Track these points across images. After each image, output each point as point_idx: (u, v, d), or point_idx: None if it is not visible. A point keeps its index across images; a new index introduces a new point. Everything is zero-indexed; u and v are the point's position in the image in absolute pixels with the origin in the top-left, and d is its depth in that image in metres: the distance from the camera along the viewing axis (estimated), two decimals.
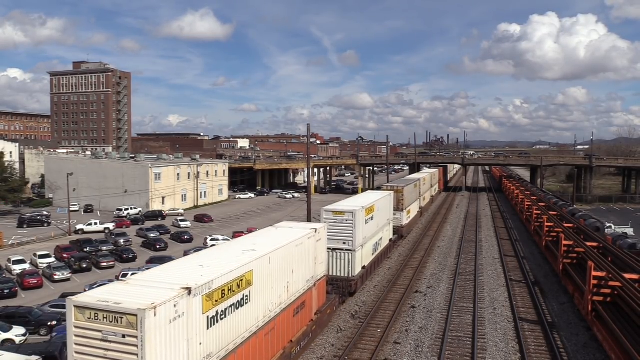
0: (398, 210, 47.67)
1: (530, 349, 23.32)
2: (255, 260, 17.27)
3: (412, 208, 55.47)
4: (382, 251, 38.02)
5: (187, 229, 60.50)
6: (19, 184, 78.04)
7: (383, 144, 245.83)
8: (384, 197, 38.94)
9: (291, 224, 26.01)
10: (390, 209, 42.40)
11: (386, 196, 40.16)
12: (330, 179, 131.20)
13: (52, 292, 36.37)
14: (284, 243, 20.10)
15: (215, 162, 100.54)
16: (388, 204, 40.86)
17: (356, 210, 29.57)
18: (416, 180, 61.05)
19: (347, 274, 29.79)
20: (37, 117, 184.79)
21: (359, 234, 30.11)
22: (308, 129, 46.39)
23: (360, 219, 30.27)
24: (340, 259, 29.78)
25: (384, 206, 38.54)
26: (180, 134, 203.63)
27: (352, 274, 29.82)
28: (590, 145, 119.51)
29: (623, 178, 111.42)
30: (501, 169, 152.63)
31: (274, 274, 18.80)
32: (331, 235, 28.38)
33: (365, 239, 32.04)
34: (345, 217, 29.55)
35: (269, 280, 18.36)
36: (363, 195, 41.18)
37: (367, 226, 32.28)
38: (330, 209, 30.40)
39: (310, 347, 23.22)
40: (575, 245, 32.65)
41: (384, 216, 38.71)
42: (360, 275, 30.98)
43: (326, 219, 29.46)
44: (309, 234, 22.77)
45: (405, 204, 49.83)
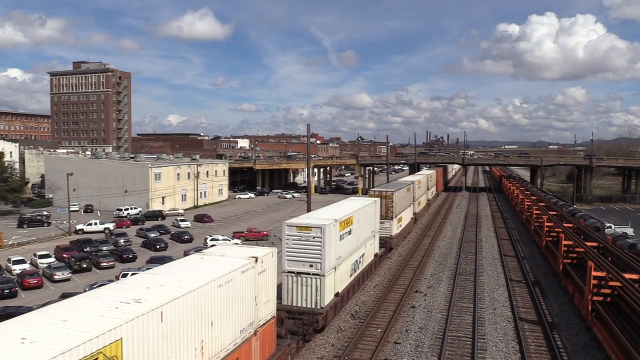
0: (387, 218, 42.21)
1: (530, 349, 23.32)
2: (127, 322, 11.38)
3: (404, 215, 49.55)
4: (364, 270, 32.55)
5: (187, 229, 60.49)
6: (19, 184, 78.03)
7: (383, 144, 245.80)
8: (366, 206, 33.45)
9: (227, 249, 20.26)
10: (376, 218, 36.83)
11: (369, 204, 34.63)
12: (330, 179, 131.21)
13: (52, 292, 36.35)
14: (196, 285, 14.33)
15: (215, 162, 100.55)
16: (372, 212, 35.39)
17: (326, 225, 23.96)
18: (409, 183, 54.54)
19: (314, 305, 24.16)
20: (37, 117, 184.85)
21: (330, 253, 24.50)
22: (308, 129, 46.43)
23: (332, 235, 24.89)
24: (306, 286, 24.24)
25: (367, 216, 33.15)
26: (180, 134, 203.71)
27: (320, 304, 24.21)
28: (590, 146, 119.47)
29: (623, 178, 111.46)
30: (501, 169, 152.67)
31: (171, 336, 13.01)
32: (294, 256, 24.14)
33: (340, 259, 26.73)
34: (312, 233, 23.94)
35: (160, 347, 12.56)
36: (341, 204, 34.00)
37: (342, 243, 26.96)
38: (294, 223, 24.86)
39: (310, 347, 23.22)
40: (575, 245, 32.66)
41: (367, 228, 33.14)
42: (331, 306, 25.16)
43: (289, 236, 24.35)
44: (245, 265, 17.15)
45: (396, 211, 43.98)
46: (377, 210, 37.05)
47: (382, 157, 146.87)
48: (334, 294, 25.84)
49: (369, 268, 34.32)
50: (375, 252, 36.17)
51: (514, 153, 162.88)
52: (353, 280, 29.75)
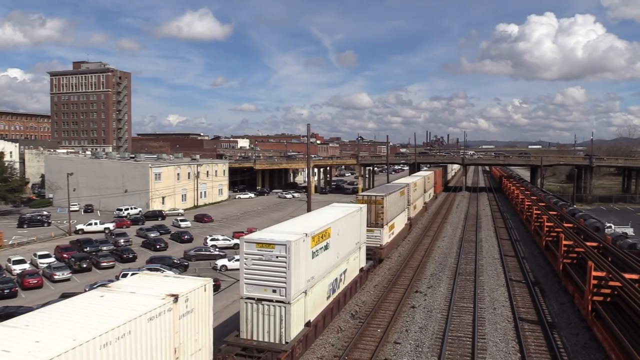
0: (376, 226, 38.31)
1: (530, 349, 23.33)
2: None
3: (398, 221, 45.50)
4: (346, 288, 28.53)
5: (187, 229, 60.51)
6: (19, 184, 78.10)
7: (383, 144, 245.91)
8: (349, 214, 29.23)
9: (143, 282, 16.31)
10: (362, 228, 32.48)
11: (353, 212, 30.26)
12: (330, 179, 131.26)
13: (52, 292, 36.36)
14: (59, 351, 10.17)
15: (215, 162, 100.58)
16: (357, 221, 31.18)
17: (291, 242, 19.94)
18: (403, 186, 49.86)
19: (278, 339, 20.20)
20: (37, 117, 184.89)
21: (298, 275, 20.68)
22: (308, 129, 46.44)
23: (302, 253, 20.99)
24: (268, 316, 20.28)
25: (349, 226, 29.24)
26: (180, 134, 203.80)
27: (285, 338, 20.15)
28: (590, 145, 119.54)
29: (623, 178, 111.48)
30: (501, 169, 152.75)
31: None
32: (255, 279, 20.35)
33: (313, 280, 22.61)
34: (276, 251, 20.01)
35: None
36: (320, 212, 30.21)
37: (316, 260, 22.90)
38: (253, 239, 20.76)
39: (310, 347, 23.21)
40: (575, 245, 32.68)
41: (349, 239, 29.22)
42: (300, 339, 20.95)
43: (248, 255, 20.39)
44: (156, 309, 13.44)
45: (387, 217, 39.71)
46: (362, 218, 32.56)
47: (382, 157, 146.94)
48: (304, 323, 21.73)
49: (353, 285, 30.13)
50: (360, 267, 32.04)
51: (514, 153, 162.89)
52: (332, 302, 25.58)
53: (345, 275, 28.37)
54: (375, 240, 38.00)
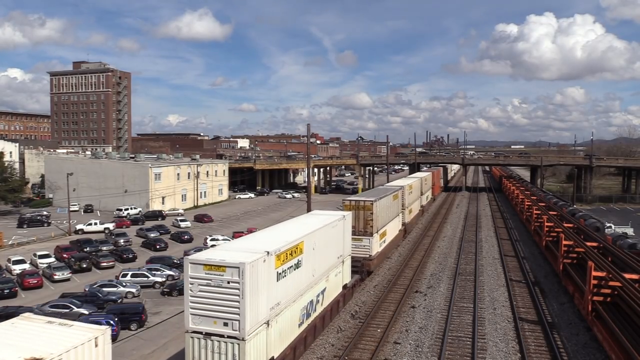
0: (365, 234, 34.49)
1: (530, 349, 23.32)
2: None
3: (390, 228, 41.68)
4: (324, 311, 24.61)
5: (187, 229, 60.50)
6: (19, 184, 78.04)
7: (383, 144, 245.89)
8: (329, 224, 25.55)
9: (10, 336, 12.56)
10: (346, 238, 28.66)
11: (335, 221, 26.52)
12: (330, 179, 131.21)
13: (52, 292, 36.35)
14: None
15: (215, 162, 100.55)
16: (340, 231, 27.42)
17: (245, 264, 16.35)
18: (396, 189, 45.93)
19: None
20: (37, 117, 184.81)
21: (257, 303, 17.16)
22: (308, 129, 46.41)
23: (262, 276, 17.45)
24: (218, 354, 16.83)
25: (330, 237, 25.53)
26: (180, 134, 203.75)
27: None
28: (590, 145, 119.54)
29: (623, 178, 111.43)
30: (501, 169, 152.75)
31: None
32: (202, 309, 16.82)
33: (278, 307, 19.00)
34: (227, 275, 16.49)
35: None
36: (293, 222, 26.51)
37: (283, 283, 19.32)
38: (200, 259, 17.15)
39: (310, 347, 23.20)
40: (575, 245, 32.67)
41: (330, 253, 25.50)
42: None
43: (194, 279, 16.93)
44: None
45: (377, 224, 36.01)
46: (347, 227, 28.98)
47: (382, 157, 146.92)
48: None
49: (335, 305, 26.43)
50: (344, 283, 28.34)
51: (514, 153, 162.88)
52: (306, 329, 22.06)
53: (323, 296, 24.51)
54: (363, 250, 34.33)
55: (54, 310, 30.03)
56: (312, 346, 23.35)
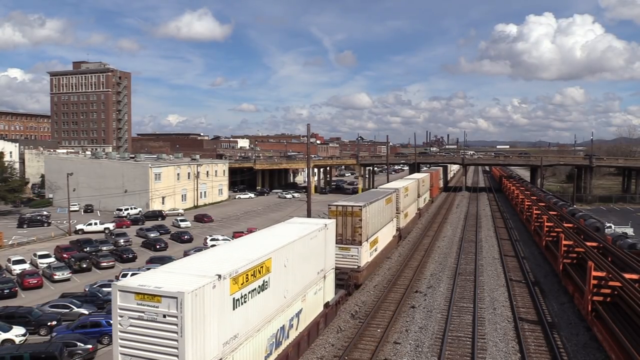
0: (353, 243, 31.41)
1: (530, 349, 23.32)
2: None
3: (382, 234, 38.48)
4: (300, 336, 21.35)
5: (187, 229, 60.53)
6: (19, 184, 78.08)
7: (383, 144, 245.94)
8: (307, 235, 22.23)
9: None
10: (328, 249, 25.26)
11: (314, 232, 23.16)
12: (330, 179, 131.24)
13: (52, 292, 36.37)
14: None
15: (215, 162, 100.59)
16: (321, 242, 24.10)
17: (186, 293, 13.02)
18: (390, 192, 42.95)
19: None
20: (37, 117, 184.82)
21: (203, 339, 13.87)
22: (308, 129, 46.41)
23: (209, 306, 14.00)
24: None
25: (308, 250, 22.26)
26: (180, 134, 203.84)
27: None
28: (590, 145, 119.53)
29: (623, 178, 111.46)
30: (501, 169, 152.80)
31: None
32: (133, 348, 13.62)
33: (236, 341, 15.74)
34: (163, 307, 13.24)
35: None
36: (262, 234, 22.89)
37: (241, 311, 15.93)
38: (130, 287, 13.75)
39: (311, 347, 23.20)
40: (575, 245, 32.67)
41: (307, 269, 22.23)
42: None
43: (124, 311, 13.61)
44: None
45: (367, 231, 33.03)
46: (329, 236, 25.60)
47: (382, 157, 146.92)
48: None
49: (314, 327, 23.10)
50: (326, 301, 25.01)
51: (514, 153, 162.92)
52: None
53: (299, 319, 21.27)
54: (351, 261, 31.42)
55: (54, 310, 30.06)
56: (312, 346, 23.35)
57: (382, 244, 38.36)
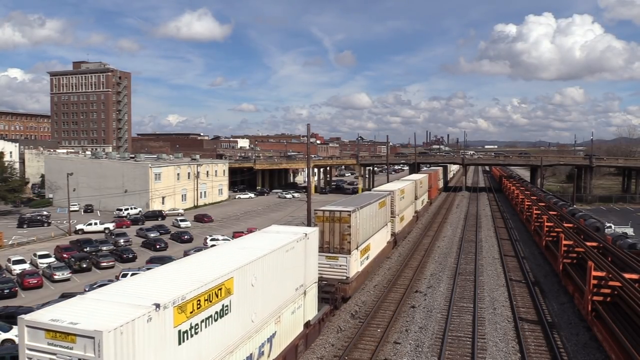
0: (341, 252, 28.97)
1: (530, 348, 23.32)
2: None
3: (375, 241, 35.78)
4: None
5: (187, 229, 60.50)
6: (19, 184, 78.05)
7: (383, 144, 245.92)
8: (284, 247, 19.53)
9: None
10: (309, 262, 22.31)
11: (293, 242, 20.47)
12: (330, 179, 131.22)
13: (52, 292, 36.36)
14: None
15: (215, 162, 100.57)
16: (300, 254, 21.27)
17: (104, 333, 10.20)
18: (384, 195, 40.44)
19: None
20: (37, 117, 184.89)
21: None
22: (308, 129, 46.36)
23: (141, 344, 11.30)
24: None
25: (284, 264, 19.52)
26: (180, 134, 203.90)
27: None
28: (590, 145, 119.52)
29: (623, 178, 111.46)
30: (501, 169, 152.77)
31: None
32: None
33: None
34: (78, 349, 10.49)
35: None
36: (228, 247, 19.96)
37: (191, 345, 13.29)
38: (42, 322, 10.97)
39: (310, 347, 23.20)
40: (575, 245, 32.66)
41: (283, 285, 19.45)
42: None
43: (33, 351, 10.96)
44: None
45: (358, 238, 30.47)
46: (310, 247, 22.70)
47: (382, 157, 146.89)
48: None
49: (291, 351, 20.35)
50: (306, 320, 22.23)
51: (514, 153, 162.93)
52: None
53: (271, 345, 18.50)
54: (338, 271, 28.88)
55: None
56: (312, 346, 23.34)
57: (374, 251, 35.62)
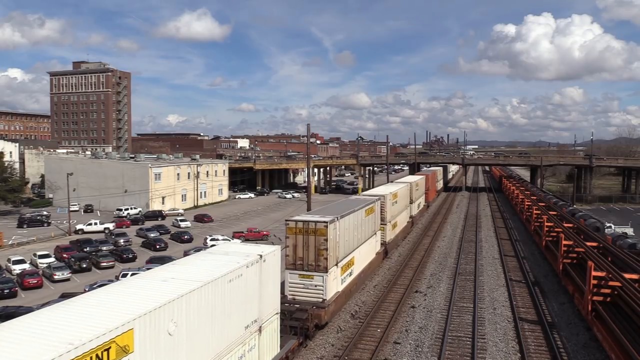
0: (317, 270, 24.59)
1: (530, 348, 23.32)
2: None
3: (361, 253, 31.51)
4: None
5: (187, 229, 60.48)
6: (19, 184, 78.01)
7: (383, 144, 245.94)
8: (223, 277, 15.39)
9: None
10: (265, 291, 18.31)
11: (241, 268, 16.51)
12: (330, 179, 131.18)
13: (52, 292, 36.35)
14: None
15: (215, 162, 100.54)
16: (253, 282, 17.36)
17: None
18: (372, 201, 35.49)
19: None
20: (37, 117, 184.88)
21: None
22: (308, 129, 46.41)
23: None
24: None
25: (228, 298, 15.66)
26: (179, 134, 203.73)
27: None
28: (590, 145, 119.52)
29: (623, 178, 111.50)
30: (501, 169, 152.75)
31: None
32: None
33: None
34: None
35: None
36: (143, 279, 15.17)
37: None
38: None
39: (310, 347, 23.20)
40: (575, 245, 32.66)
41: (226, 326, 15.51)
42: None
43: None
44: None
45: (338, 253, 26.40)
46: (268, 271, 18.48)
47: (382, 157, 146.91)
48: None
49: None
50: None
51: (514, 153, 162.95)
52: None
53: None
54: (314, 293, 24.69)
55: None
56: (312, 346, 23.33)
57: (359, 266, 31.31)
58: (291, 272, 24.52)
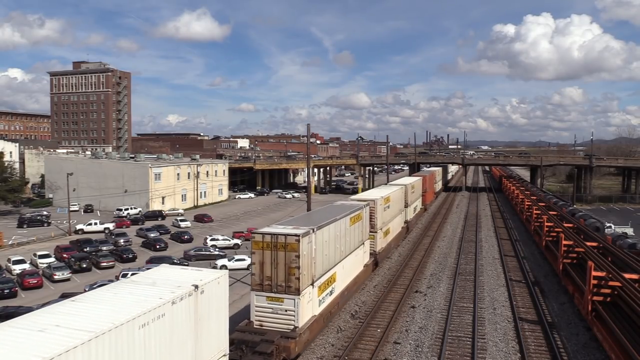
0: (287, 292, 21.07)
1: (530, 348, 23.32)
2: None
3: (344, 268, 27.70)
4: None
5: (187, 229, 60.48)
6: (19, 184, 77.99)
7: (383, 143, 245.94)
8: (134, 321, 11.95)
9: None
10: (208, 329, 15.57)
11: (163, 306, 13.18)
12: (330, 179, 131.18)
13: (52, 292, 36.34)
14: None
15: (215, 162, 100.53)
16: (186, 321, 14.27)
17: None
18: (359, 207, 31.78)
19: None
20: (37, 117, 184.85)
21: None
22: (308, 129, 46.37)
23: None
24: None
25: (136, 352, 12.08)
26: (179, 134, 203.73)
27: None
28: (590, 145, 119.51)
29: (623, 178, 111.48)
30: (501, 169, 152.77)
31: None
32: None
33: None
34: None
35: None
36: (45, 316, 12.11)
37: None
38: None
39: (310, 347, 23.20)
40: (575, 245, 32.66)
41: None
42: None
43: None
44: None
45: (315, 270, 22.78)
46: (209, 305, 15.57)
47: (382, 157, 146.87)
48: None
49: None
50: None
51: (514, 153, 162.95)
52: None
53: None
54: (283, 319, 21.10)
55: None
56: (312, 346, 23.33)
57: (343, 282, 27.53)
58: (257, 294, 21.09)
